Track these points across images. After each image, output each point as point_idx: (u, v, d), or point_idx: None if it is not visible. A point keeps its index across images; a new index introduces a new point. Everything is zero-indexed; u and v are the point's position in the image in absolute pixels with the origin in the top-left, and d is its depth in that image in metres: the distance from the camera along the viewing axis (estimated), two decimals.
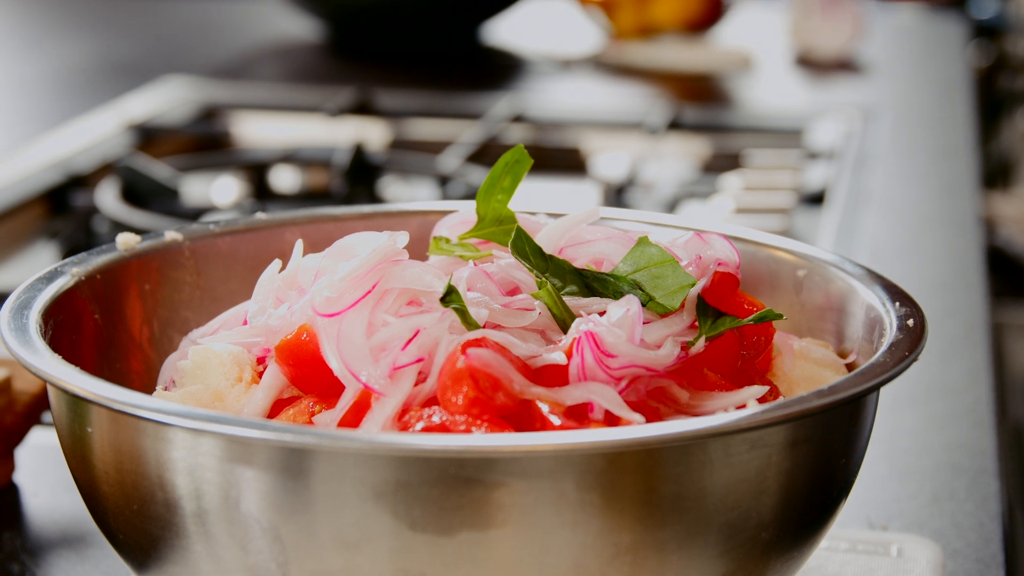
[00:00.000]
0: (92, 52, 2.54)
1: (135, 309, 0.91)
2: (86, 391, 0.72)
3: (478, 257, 0.84)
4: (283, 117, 2.08)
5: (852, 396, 0.72)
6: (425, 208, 0.98)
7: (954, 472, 1.08)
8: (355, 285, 0.77)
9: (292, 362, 0.78)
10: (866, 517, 1.01)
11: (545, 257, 0.81)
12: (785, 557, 0.76)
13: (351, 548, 0.69)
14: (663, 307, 0.79)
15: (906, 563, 0.92)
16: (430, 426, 0.72)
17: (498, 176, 0.86)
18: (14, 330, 0.78)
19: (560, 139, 1.96)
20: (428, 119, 2.04)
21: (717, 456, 0.70)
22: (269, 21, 2.77)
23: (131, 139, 1.91)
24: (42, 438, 1.10)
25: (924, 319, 0.81)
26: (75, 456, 0.77)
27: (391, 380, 0.74)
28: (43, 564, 0.95)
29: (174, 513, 0.72)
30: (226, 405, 0.79)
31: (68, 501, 1.02)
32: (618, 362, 0.74)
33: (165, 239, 0.93)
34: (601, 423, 0.72)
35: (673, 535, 0.70)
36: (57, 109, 2.10)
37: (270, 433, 0.68)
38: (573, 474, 0.68)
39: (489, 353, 0.73)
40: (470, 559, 0.68)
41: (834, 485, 0.77)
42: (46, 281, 0.85)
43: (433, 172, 1.75)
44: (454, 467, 0.67)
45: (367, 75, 2.30)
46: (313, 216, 0.97)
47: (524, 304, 0.79)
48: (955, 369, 1.26)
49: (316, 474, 0.68)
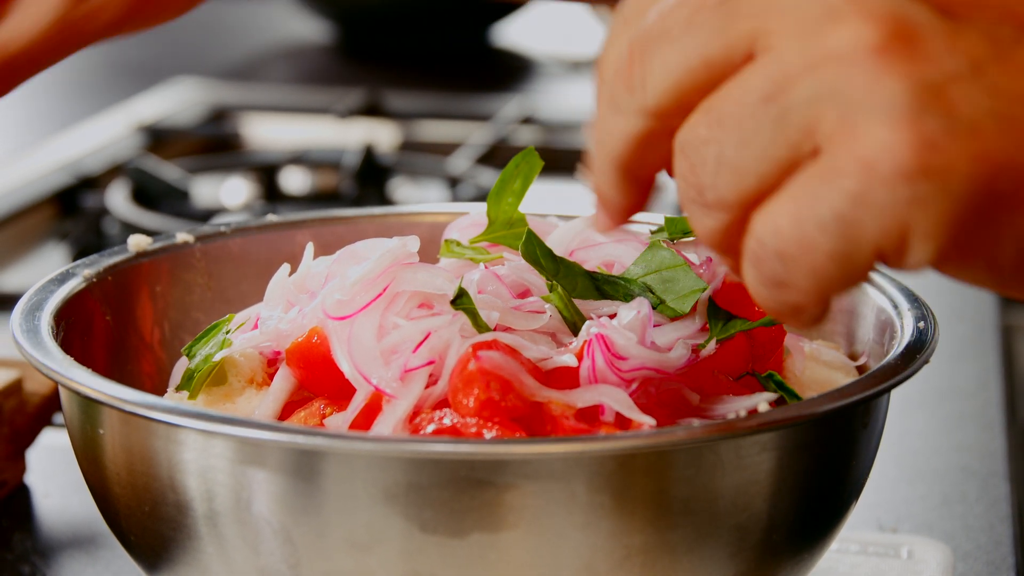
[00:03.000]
0: (102, 53, 2.54)
1: (146, 311, 0.91)
2: (98, 393, 0.72)
3: (489, 260, 0.85)
4: (293, 119, 2.09)
5: (863, 398, 0.72)
6: (435, 210, 0.98)
7: (964, 474, 1.08)
8: (366, 288, 0.77)
9: (303, 365, 0.78)
10: (876, 519, 1.01)
11: (556, 260, 0.81)
12: (796, 559, 0.76)
13: (362, 550, 0.69)
14: (674, 310, 0.79)
15: (916, 565, 0.92)
16: (441, 428, 0.72)
17: (509, 179, 0.86)
18: (26, 332, 0.78)
19: (570, 141, 1.96)
20: (438, 121, 2.04)
21: (728, 458, 0.70)
22: (279, 23, 2.77)
23: (141, 140, 1.92)
24: (53, 439, 1.10)
25: (935, 321, 0.81)
26: (87, 458, 0.77)
27: (402, 383, 0.74)
28: (54, 565, 0.95)
29: (185, 514, 0.72)
30: (237, 407, 0.79)
31: (79, 502, 1.02)
32: (629, 364, 0.74)
33: (176, 241, 0.93)
34: (612, 425, 0.73)
35: (684, 537, 0.70)
36: (67, 110, 2.11)
37: (282, 435, 0.68)
38: (584, 476, 0.68)
39: (500, 356, 0.73)
40: (481, 561, 0.68)
41: (844, 487, 0.77)
42: (57, 283, 0.85)
43: (443, 174, 1.75)
44: (465, 469, 0.67)
45: (377, 77, 2.30)
46: (324, 218, 0.97)
47: (535, 307, 0.79)
48: (966, 371, 1.26)
49: (327, 476, 0.68)
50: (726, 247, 0.63)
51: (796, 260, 0.59)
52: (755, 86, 0.59)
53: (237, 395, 0.80)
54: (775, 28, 0.59)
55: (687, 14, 0.61)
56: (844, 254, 0.58)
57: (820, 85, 0.58)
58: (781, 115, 0.58)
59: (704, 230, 0.63)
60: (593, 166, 0.66)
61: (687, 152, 0.61)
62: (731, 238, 0.62)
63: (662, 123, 0.63)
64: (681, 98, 0.61)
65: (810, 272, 0.59)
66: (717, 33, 0.60)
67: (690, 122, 0.61)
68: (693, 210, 0.63)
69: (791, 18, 0.59)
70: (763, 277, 0.60)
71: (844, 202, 0.57)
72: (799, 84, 0.58)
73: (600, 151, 0.65)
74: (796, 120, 0.58)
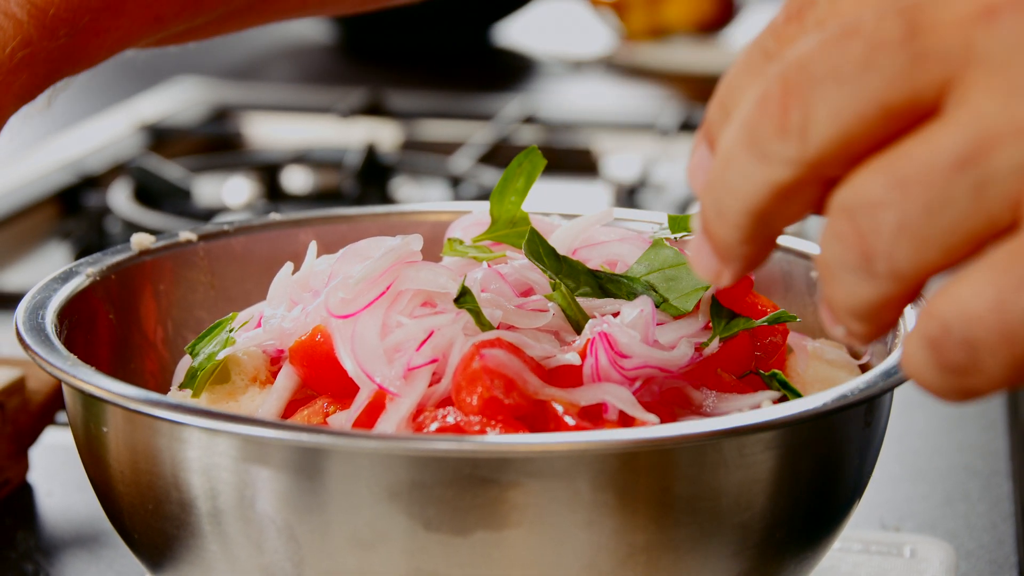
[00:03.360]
0: None
1: (149, 309, 0.91)
2: (102, 391, 0.72)
3: (492, 258, 0.85)
4: (295, 118, 2.09)
5: (866, 397, 0.72)
6: (438, 209, 0.98)
7: (967, 473, 1.08)
8: (369, 286, 0.77)
9: (306, 363, 0.78)
10: (879, 518, 1.01)
11: (559, 258, 0.81)
12: (799, 557, 0.76)
13: (366, 548, 0.69)
14: (677, 309, 0.79)
15: (919, 564, 0.92)
16: (444, 426, 0.72)
17: (512, 177, 0.86)
18: (30, 330, 0.78)
19: (572, 140, 1.96)
20: (440, 120, 2.04)
21: (731, 456, 0.70)
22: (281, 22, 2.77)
23: (143, 140, 1.92)
24: (55, 438, 1.10)
25: None
26: (90, 456, 0.77)
27: (405, 381, 0.74)
28: (57, 564, 0.95)
29: (189, 513, 0.72)
30: (240, 406, 0.80)
31: (82, 501, 1.02)
32: (632, 363, 0.74)
33: (179, 239, 0.93)
34: (615, 423, 0.73)
35: (687, 535, 0.70)
36: (69, 110, 2.11)
37: (285, 433, 0.68)
38: (587, 474, 0.68)
39: (503, 354, 0.73)
40: (484, 559, 0.68)
41: (847, 486, 0.77)
42: (61, 281, 0.85)
43: (445, 173, 1.75)
44: (468, 467, 0.67)
45: (379, 76, 2.30)
46: (327, 216, 0.97)
47: (538, 305, 0.79)
48: None
49: (331, 474, 0.68)
50: (877, 322, 0.56)
51: (993, 350, 0.52)
52: (949, 146, 0.52)
53: (240, 393, 0.80)
54: (975, 79, 0.52)
55: (863, 51, 0.53)
56: None
57: None
58: (980, 183, 0.51)
59: (857, 300, 0.55)
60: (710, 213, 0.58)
61: (855, 214, 0.53)
62: (890, 313, 0.55)
63: (816, 174, 0.55)
64: (849, 150, 0.54)
65: (1008, 362, 0.52)
66: (901, 78, 0.53)
67: (860, 180, 0.53)
68: (846, 276, 0.55)
69: (996, 69, 0.52)
70: (943, 363, 0.53)
71: None
72: (1004, 149, 0.51)
73: (728, 198, 0.57)
74: (998, 191, 0.51)
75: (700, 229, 0.59)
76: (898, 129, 0.53)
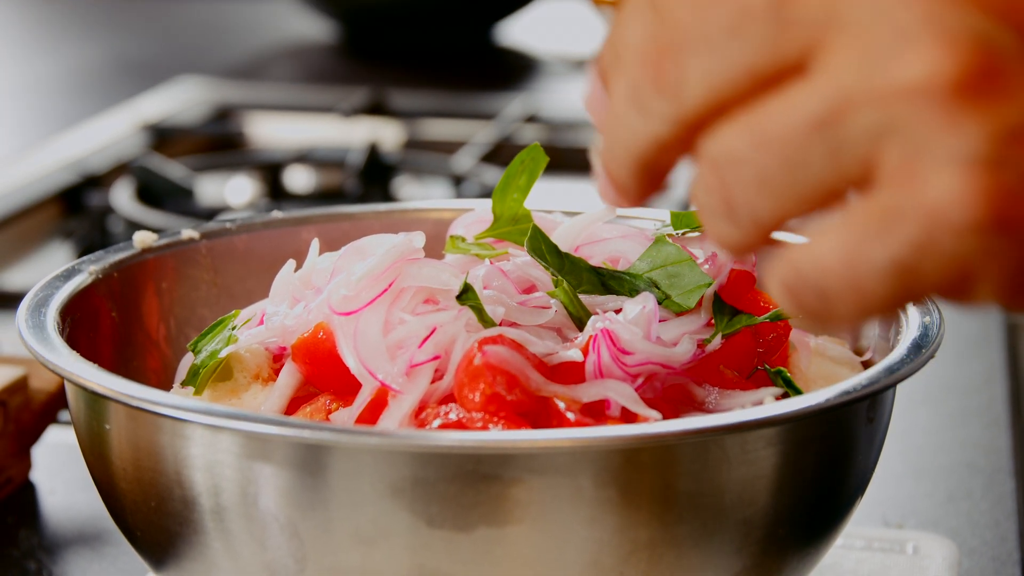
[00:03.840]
0: (107, 52, 2.54)
1: (152, 307, 0.91)
2: (105, 388, 0.72)
3: (494, 255, 0.85)
4: (297, 117, 2.09)
5: (868, 394, 0.72)
6: (440, 206, 0.98)
7: (970, 470, 1.08)
8: (371, 284, 0.77)
9: (308, 360, 0.78)
10: (882, 515, 1.01)
11: (561, 255, 0.81)
12: (801, 554, 0.76)
13: (368, 544, 0.69)
14: (679, 305, 0.79)
15: (922, 561, 0.92)
16: (447, 423, 0.72)
17: (514, 175, 0.86)
18: (32, 328, 0.78)
19: (574, 139, 1.96)
20: (442, 119, 2.04)
21: (734, 453, 0.70)
22: (283, 21, 2.78)
23: (146, 139, 1.92)
24: (58, 436, 1.10)
25: (941, 317, 0.81)
26: (93, 453, 0.77)
27: (408, 378, 0.74)
28: (60, 562, 0.95)
29: (192, 510, 0.72)
30: (243, 403, 0.80)
31: (85, 499, 1.02)
32: (634, 359, 0.74)
33: (182, 237, 0.93)
34: (618, 420, 0.73)
35: (690, 531, 0.70)
36: (72, 109, 2.11)
37: (288, 429, 0.68)
38: (590, 470, 0.68)
39: (506, 350, 0.73)
40: (487, 555, 0.68)
41: (850, 483, 0.77)
42: (63, 279, 0.85)
43: (447, 172, 1.75)
44: (471, 464, 0.67)
45: (381, 75, 2.30)
46: (330, 214, 0.97)
47: (540, 302, 0.79)
48: (971, 368, 1.26)
49: (334, 470, 0.68)
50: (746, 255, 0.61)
51: (842, 298, 0.55)
52: (808, 108, 0.54)
53: (243, 391, 0.80)
54: (835, 44, 0.54)
55: (732, 18, 0.56)
56: (898, 297, 0.55)
57: (884, 119, 0.53)
58: (836, 145, 0.54)
59: (725, 239, 0.59)
60: (607, 154, 0.63)
61: (720, 167, 0.57)
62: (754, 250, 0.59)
63: (691, 128, 0.59)
64: (718, 108, 0.57)
65: (856, 308, 0.55)
66: (766, 44, 0.55)
67: (725, 135, 0.57)
68: (714, 220, 0.59)
69: (855, 35, 0.54)
70: (799, 305, 0.57)
71: (904, 249, 0.53)
72: (859, 113, 0.53)
73: (618, 146, 0.62)
74: (853, 152, 0.54)
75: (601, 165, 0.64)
76: (765, 88, 0.56)
